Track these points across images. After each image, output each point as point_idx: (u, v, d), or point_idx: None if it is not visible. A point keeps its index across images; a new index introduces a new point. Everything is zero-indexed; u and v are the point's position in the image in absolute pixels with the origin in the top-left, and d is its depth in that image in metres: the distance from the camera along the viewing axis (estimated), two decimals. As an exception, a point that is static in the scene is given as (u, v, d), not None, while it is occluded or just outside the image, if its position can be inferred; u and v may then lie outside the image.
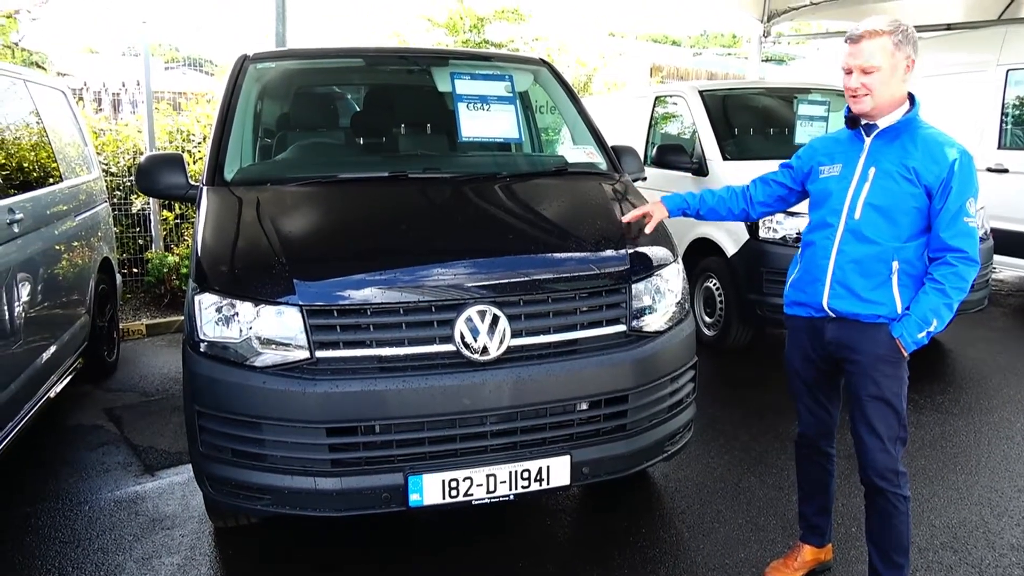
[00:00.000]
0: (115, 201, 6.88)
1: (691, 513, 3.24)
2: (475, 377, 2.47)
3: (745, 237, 5.09)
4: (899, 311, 2.36)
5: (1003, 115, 6.98)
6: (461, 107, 3.45)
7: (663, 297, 2.86)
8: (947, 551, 2.96)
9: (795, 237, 4.84)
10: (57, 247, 4.08)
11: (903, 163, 2.33)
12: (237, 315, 2.48)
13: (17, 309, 3.39)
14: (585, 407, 2.65)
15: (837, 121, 5.88)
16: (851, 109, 2.41)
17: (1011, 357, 5.34)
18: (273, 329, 2.45)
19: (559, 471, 2.57)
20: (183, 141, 7.40)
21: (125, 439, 4.00)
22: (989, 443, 3.94)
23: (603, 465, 2.66)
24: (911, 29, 2.32)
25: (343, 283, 2.48)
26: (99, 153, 6.84)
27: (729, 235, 5.24)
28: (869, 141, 2.42)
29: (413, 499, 2.45)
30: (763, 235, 4.98)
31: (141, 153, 7.16)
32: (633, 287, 2.73)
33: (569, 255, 2.76)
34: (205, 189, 3.04)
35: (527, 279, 2.59)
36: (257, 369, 2.43)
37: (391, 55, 4.11)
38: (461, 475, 2.47)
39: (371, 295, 2.44)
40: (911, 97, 2.39)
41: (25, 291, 3.52)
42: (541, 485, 2.55)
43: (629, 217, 2.92)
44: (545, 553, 2.96)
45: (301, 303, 2.41)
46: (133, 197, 7.04)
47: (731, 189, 2.85)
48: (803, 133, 5.87)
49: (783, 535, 3.06)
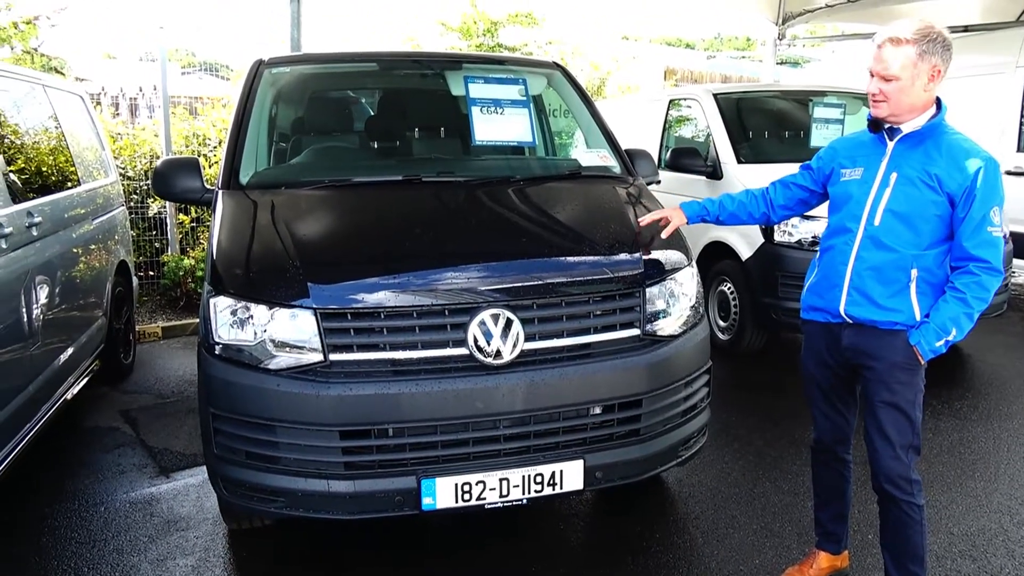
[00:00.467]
0: (132, 204, 6.94)
1: (705, 518, 3.22)
2: (488, 381, 2.47)
3: (760, 241, 5.06)
4: (917, 318, 2.32)
5: (1022, 118, 6.90)
6: (475, 111, 3.46)
7: (677, 301, 2.85)
8: (966, 559, 2.92)
9: (811, 241, 4.81)
10: (75, 250, 4.12)
11: (926, 170, 2.28)
12: (252, 318, 2.49)
13: (35, 312, 3.43)
14: (599, 411, 2.65)
15: (853, 124, 5.84)
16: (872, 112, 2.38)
17: (1031, 362, 5.28)
18: (287, 332, 2.46)
19: (572, 475, 2.56)
20: (199, 145, 7.46)
21: (141, 441, 4.03)
22: (1008, 450, 3.89)
23: (617, 470, 2.65)
24: (942, 36, 2.22)
25: (357, 286, 2.49)
26: (116, 157, 6.91)
27: (744, 239, 5.21)
28: (892, 145, 2.36)
29: (426, 503, 2.45)
30: (778, 239, 4.95)
31: (157, 157, 7.22)
32: (647, 291, 2.72)
33: (582, 259, 2.75)
34: (220, 193, 3.06)
35: (540, 283, 2.58)
36: (271, 372, 2.44)
37: (405, 59, 4.12)
38: (474, 479, 2.47)
39: (384, 298, 2.45)
40: (938, 101, 2.32)
41: (43, 294, 3.55)
42: (554, 489, 2.55)
43: (646, 220, 2.90)
44: (558, 557, 2.95)
45: (315, 306, 2.42)
46: (150, 201, 7.10)
47: (750, 193, 2.80)
48: (819, 136, 5.83)
49: (798, 541, 3.03)
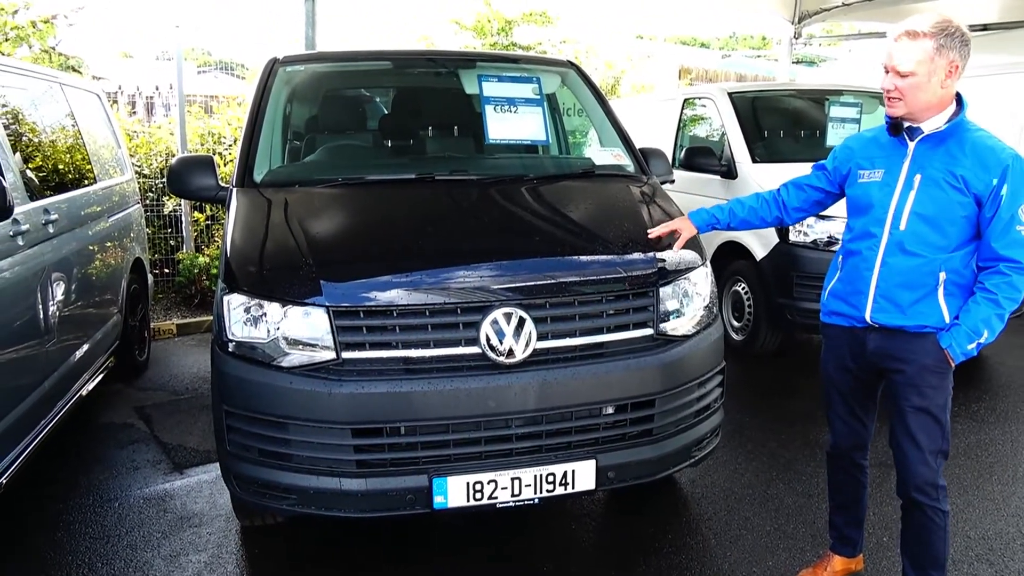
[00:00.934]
0: (147, 202, 6.99)
1: (718, 520, 3.20)
2: (500, 380, 2.46)
3: (775, 241, 5.02)
4: (946, 321, 2.27)
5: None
6: (488, 109, 3.45)
7: (691, 301, 2.83)
8: (983, 563, 2.89)
9: (827, 241, 4.76)
10: (91, 247, 4.15)
11: (950, 170, 2.22)
12: (265, 315, 2.50)
13: (51, 308, 3.45)
14: (611, 411, 2.63)
15: (869, 124, 5.78)
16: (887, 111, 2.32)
17: (1050, 365, 5.20)
18: (300, 330, 2.46)
19: (584, 475, 2.55)
20: (214, 143, 7.50)
21: (155, 437, 4.06)
22: (1027, 453, 3.84)
23: (629, 470, 2.64)
24: (960, 30, 2.16)
25: (369, 284, 2.49)
26: (132, 155, 6.95)
27: (758, 238, 5.17)
28: (913, 146, 2.29)
29: (437, 501, 2.44)
30: (793, 239, 4.91)
31: (173, 155, 7.28)
32: (660, 290, 2.70)
33: (596, 258, 2.74)
34: (235, 191, 3.07)
35: (553, 281, 2.57)
36: (284, 369, 2.45)
37: (419, 58, 4.12)
38: (486, 478, 2.46)
39: (397, 296, 2.45)
40: (958, 97, 2.26)
41: (59, 290, 3.58)
42: (566, 489, 2.54)
43: (655, 233, 2.80)
44: (569, 557, 2.94)
45: (328, 304, 2.42)
46: (165, 198, 7.15)
47: (760, 197, 2.74)
48: (835, 135, 5.78)
49: (812, 543, 3.00)
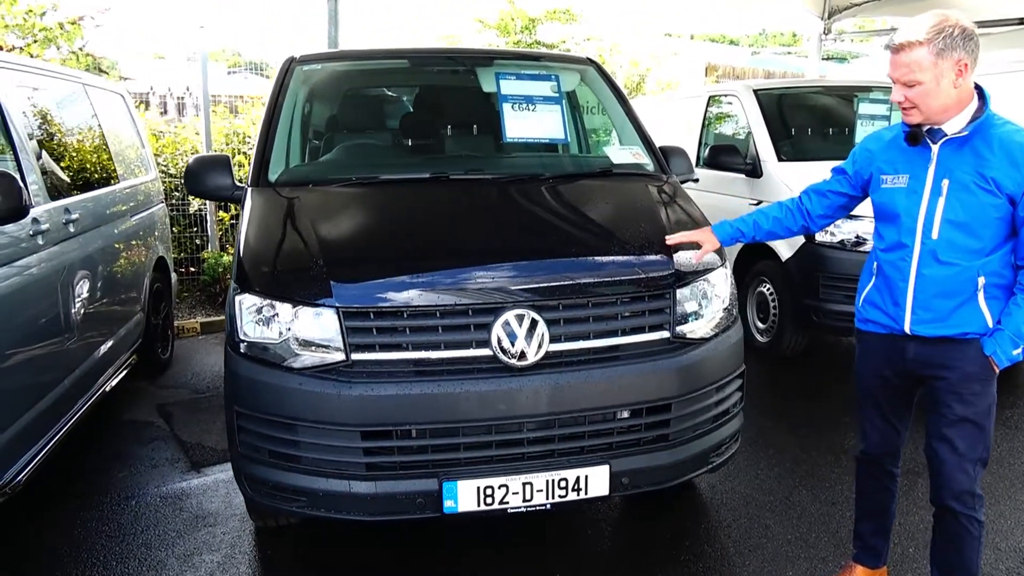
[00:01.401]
0: (173, 202, 7.07)
1: (738, 527, 3.13)
2: (512, 383, 2.42)
3: (801, 241, 4.91)
4: (989, 325, 2.17)
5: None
6: (506, 107, 3.41)
7: (709, 303, 2.76)
8: (1014, 577, 2.79)
9: (854, 241, 4.65)
10: (113, 246, 4.18)
11: (979, 172, 2.11)
12: (276, 316, 2.48)
13: (72, 307, 3.48)
14: (627, 415, 2.58)
15: (897, 121, 5.63)
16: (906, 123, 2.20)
17: (1088, 370, 5.03)
18: (310, 331, 2.44)
19: (598, 481, 2.50)
20: (239, 143, 7.56)
21: (174, 435, 4.08)
22: (1062, 462, 3.71)
23: (644, 476, 2.58)
24: (959, 27, 2.05)
25: (379, 285, 2.46)
26: (158, 155, 7.04)
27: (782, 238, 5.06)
28: (937, 149, 2.18)
29: (447, 506, 2.41)
30: (820, 239, 4.80)
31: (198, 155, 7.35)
32: (678, 292, 2.64)
33: (611, 258, 2.68)
34: (249, 190, 3.07)
35: (567, 283, 2.52)
36: (294, 371, 2.43)
37: (436, 56, 4.09)
38: (497, 482, 2.42)
39: (407, 297, 2.42)
40: (979, 91, 2.15)
41: (81, 289, 3.61)
42: (579, 495, 2.49)
43: (674, 240, 2.69)
44: (582, 564, 2.90)
45: (337, 305, 2.40)
46: (190, 198, 7.22)
47: (783, 207, 2.62)
48: (863, 133, 5.64)
49: (835, 553, 2.92)
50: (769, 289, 5.31)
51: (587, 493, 2.49)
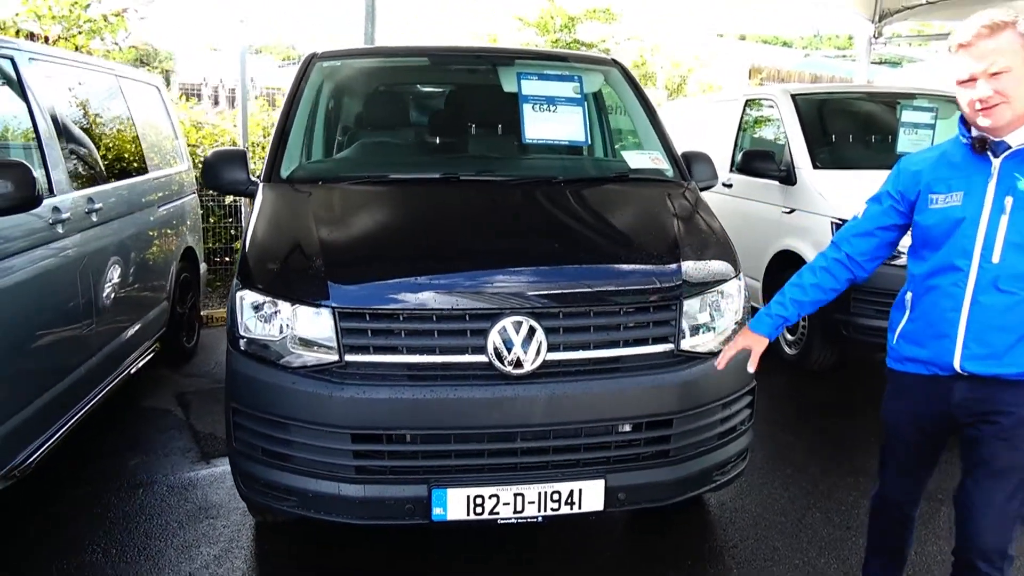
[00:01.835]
0: (210, 193, 7.16)
1: (744, 547, 3.02)
2: (507, 391, 2.37)
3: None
4: None
5: None
6: (526, 108, 3.34)
7: (721, 315, 2.67)
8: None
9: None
10: (138, 236, 4.24)
11: None
12: (274, 314, 2.47)
13: (92, 295, 3.54)
14: (627, 429, 2.51)
15: (944, 129, 5.41)
16: (978, 126, 1.97)
17: None
18: (307, 330, 2.42)
19: (592, 495, 2.43)
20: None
21: (190, 425, 4.13)
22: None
23: (642, 492, 2.51)
24: None
25: (376, 286, 2.44)
26: (198, 146, 7.16)
27: (815, 249, 4.89)
28: (998, 163, 1.96)
29: (436, 513, 2.37)
30: (853, 250, 4.63)
31: (235, 145, 7.46)
32: (685, 303, 2.55)
33: (615, 267, 2.61)
34: (261, 186, 3.07)
35: (568, 291, 2.46)
36: (288, 369, 2.42)
37: (457, 55, 4.04)
38: (487, 492, 2.38)
39: (403, 300, 2.38)
40: None
41: (101, 278, 3.66)
42: (572, 509, 2.43)
43: (723, 363, 2.37)
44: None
45: (333, 305, 2.38)
46: (226, 189, 7.31)
47: (817, 269, 2.31)
48: (906, 142, 5.43)
49: (844, 581, 2.80)
50: (799, 300, 5.14)
51: (580, 507, 2.43)
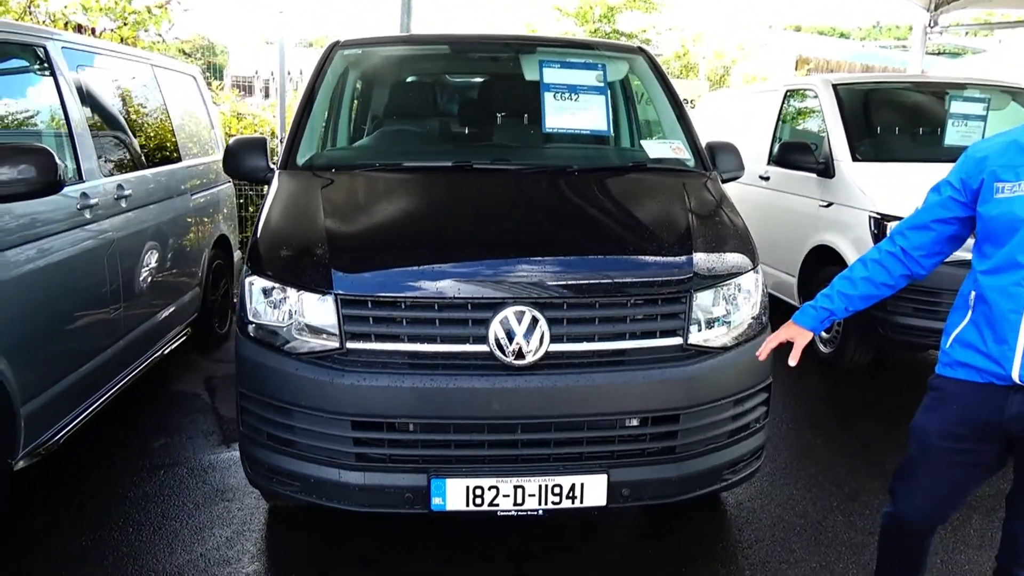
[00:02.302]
0: (248, 182, 7.27)
1: (759, 549, 2.94)
2: (508, 382, 2.33)
3: (871, 247, 4.58)
4: None
5: None
6: (547, 96, 3.29)
7: (736, 309, 2.60)
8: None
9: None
10: (169, 223, 4.32)
11: None
12: (282, 300, 2.49)
13: (120, 279, 3.61)
14: (635, 423, 2.45)
15: (996, 121, 5.17)
16: None
17: None
18: (312, 317, 2.43)
19: (595, 490, 2.39)
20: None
21: (214, 409, 4.20)
22: None
23: (647, 488, 2.45)
24: None
25: (379, 274, 2.43)
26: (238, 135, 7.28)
27: (853, 244, 4.74)
28: None
29: (435, 503, 2.36)
30: (892, 246, 4.45)
31: (274, 135, 7.57)
32: (696, 296, 2.48)
33: (624, 257, 2.55)
34: (277, 173, 3.10)
35: (572, 281, 2.42)
36: (292, 355, 2.43)
37: (478, 42, 4.00)
38: (487, 483, 2.35)
39: (405, 288, 2.37)
40: None
41: (129, 263, 3.74)
42: (573, 503, 2.39)
43: (764, 353, 2.33)
44: (586, 574, 2.78)
45: (336, 292, 2.38)
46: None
47: (870, 261, 2.17)
48: (955, 134, 5.20)
49: (861, 588, 2.70)
50: (835, 297, 4.98)
51: (582, 502, 2.39)
